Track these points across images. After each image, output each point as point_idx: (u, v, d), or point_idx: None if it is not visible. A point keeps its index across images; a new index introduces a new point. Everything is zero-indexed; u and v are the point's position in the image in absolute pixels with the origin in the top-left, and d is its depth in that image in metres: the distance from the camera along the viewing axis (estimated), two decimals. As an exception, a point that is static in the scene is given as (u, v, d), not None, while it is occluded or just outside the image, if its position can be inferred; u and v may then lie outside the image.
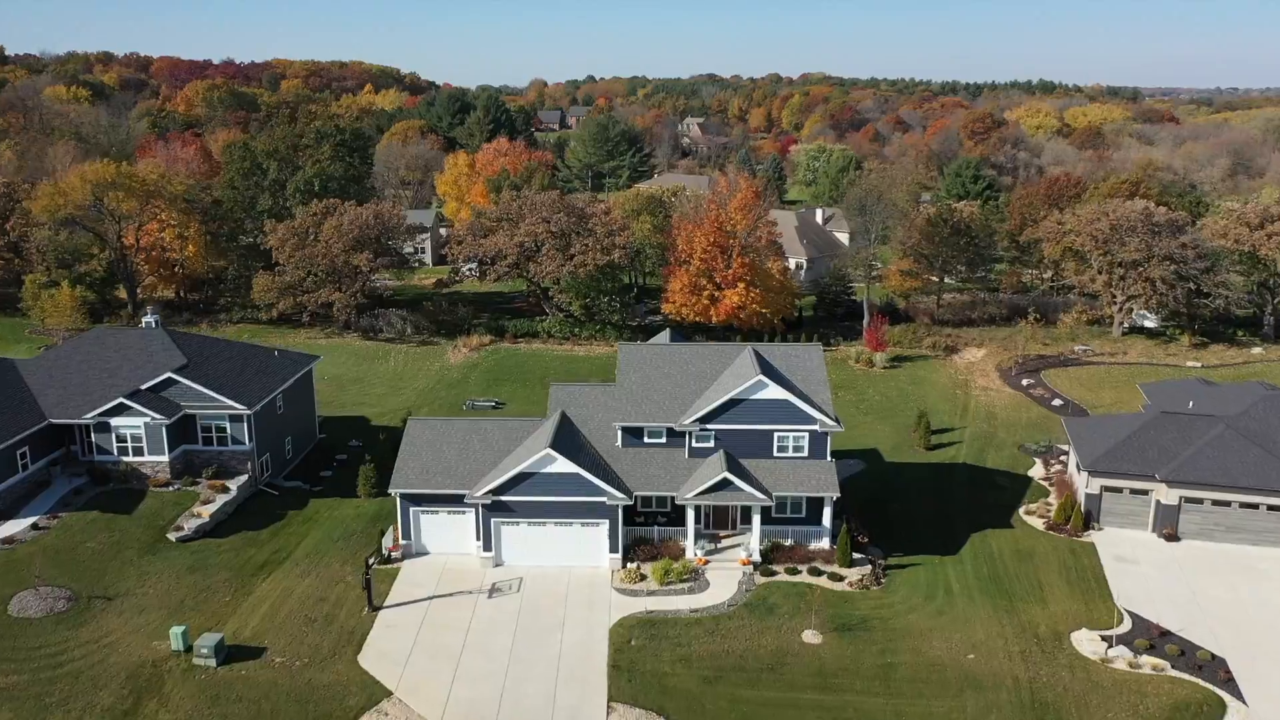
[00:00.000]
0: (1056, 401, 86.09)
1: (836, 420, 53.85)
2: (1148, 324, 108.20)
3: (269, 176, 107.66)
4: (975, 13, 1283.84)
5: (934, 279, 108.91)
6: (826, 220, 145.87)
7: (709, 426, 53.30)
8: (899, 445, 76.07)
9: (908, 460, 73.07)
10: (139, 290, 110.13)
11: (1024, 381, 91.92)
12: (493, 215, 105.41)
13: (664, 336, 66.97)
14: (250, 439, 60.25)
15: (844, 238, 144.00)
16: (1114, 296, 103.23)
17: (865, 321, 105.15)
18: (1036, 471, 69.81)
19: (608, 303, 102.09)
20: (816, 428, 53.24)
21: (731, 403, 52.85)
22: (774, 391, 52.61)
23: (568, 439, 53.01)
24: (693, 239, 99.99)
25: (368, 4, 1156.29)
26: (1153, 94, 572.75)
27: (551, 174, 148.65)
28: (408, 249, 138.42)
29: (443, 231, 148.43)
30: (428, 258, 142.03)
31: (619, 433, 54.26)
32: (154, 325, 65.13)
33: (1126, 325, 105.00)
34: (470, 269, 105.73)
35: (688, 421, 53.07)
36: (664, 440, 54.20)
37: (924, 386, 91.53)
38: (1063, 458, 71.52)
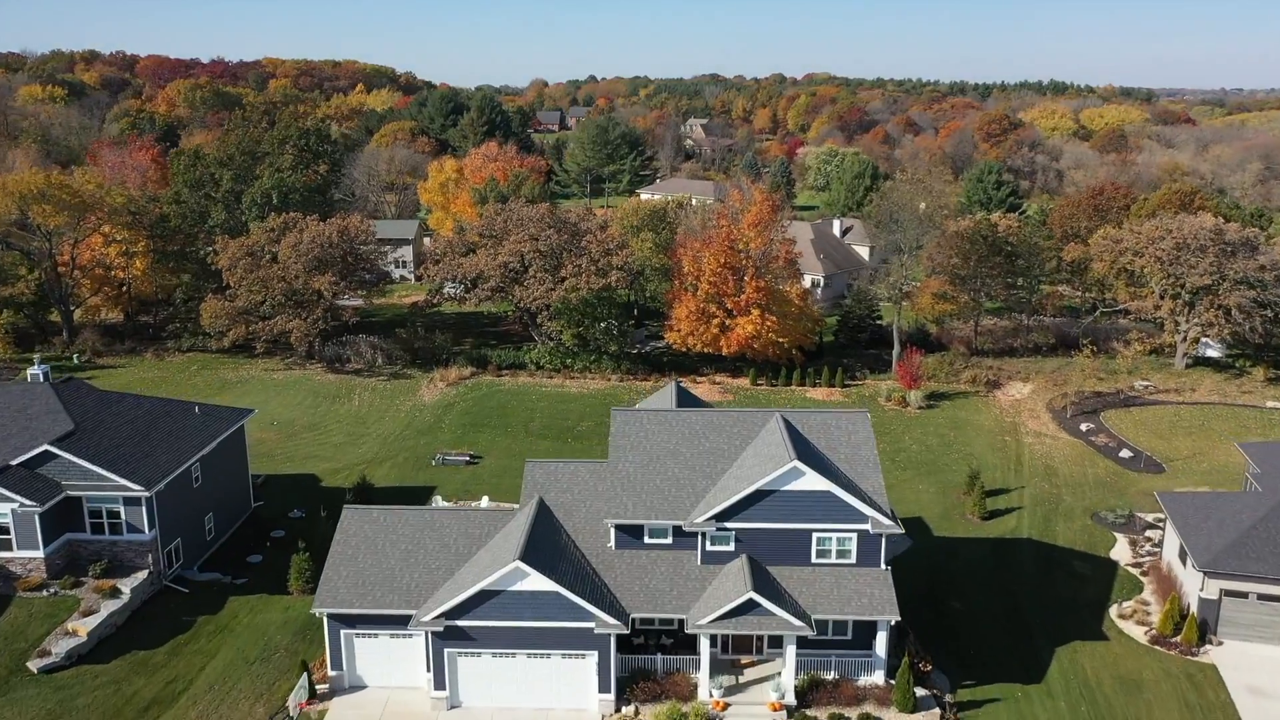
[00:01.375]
0: (1125, 453, 73.86)
1: (893, 516, 41.67)
2: (1210, 353, 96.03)
3: (222, 187, 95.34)
4: (977, 12, 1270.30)
5: (971, 302, 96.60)
6: (844, 232, 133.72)
7: (728, 525, 41.15)
8: (948, 512, 63.83)
9: (961, 534, 60.82)
10: (79, 313, 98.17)
11: (1083, 426, 79.69)
12: (474, 230, 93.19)
13: (666, 395, 54.40)
14: (151, 526, 48.12)
15: (864, 252, 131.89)
16: (1178, 325, 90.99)
17: (896, 352, 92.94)
18: (1121, 553, 57.49)
19: (603, 330, 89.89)
20: (868, 527, 41.07)
21: (758, 495, 40.71)
22: (813, 480, 40.43)
23: (545, 541, 40.85)
24: (700, 259, 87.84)
25: (366, 4, 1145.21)
26: (1158, 95, 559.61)
27: (545, 180, 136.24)
28: (388, 264, 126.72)
29: (427, 242, 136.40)
30: (410, 273, 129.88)
31: (612, 531, 42.11)
32: (40, 378, 52.95)
33: (1190, 357, 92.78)
34: (455, 288, 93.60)
35: (701, 519, 40.91)
36: (670, 541, 42.06)
37: (967, 432, 79.30)
38: (1149, 533, 59.34)
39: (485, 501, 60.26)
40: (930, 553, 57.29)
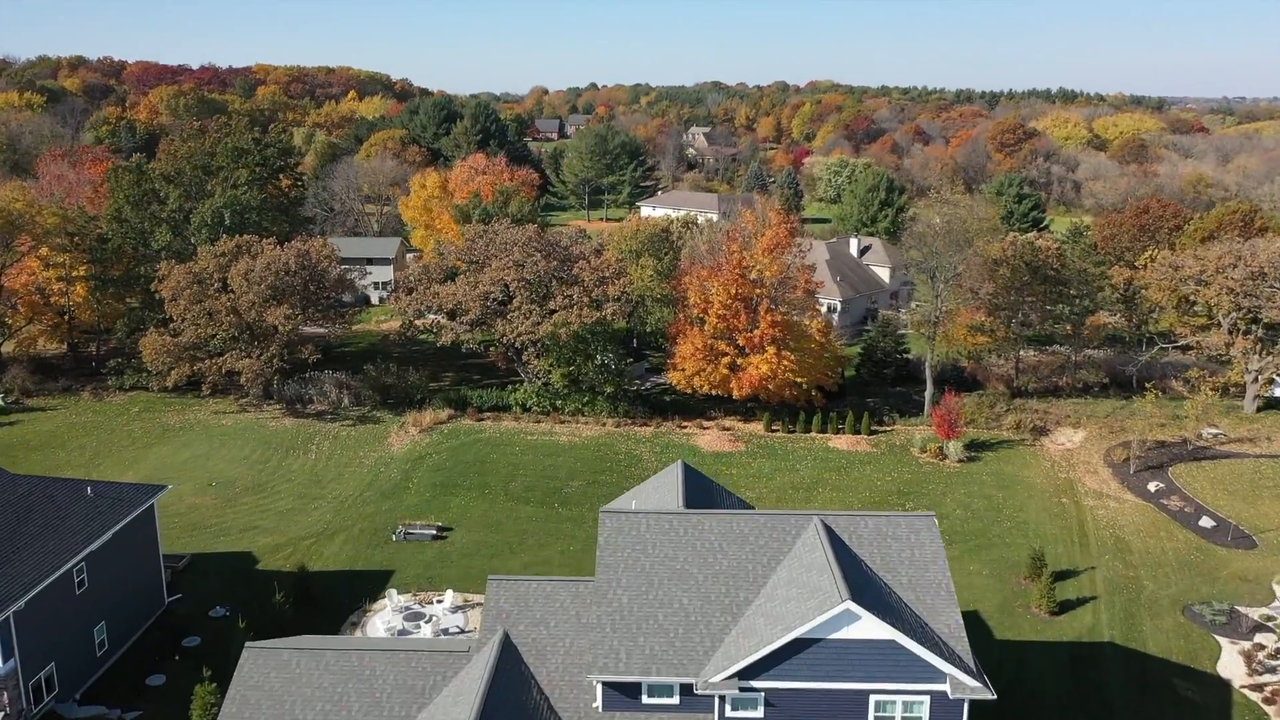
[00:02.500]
0: (1205, 521, 63.09)
1: (980, 676, 30.88)
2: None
3: (168, 206, 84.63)
4: (979, 21, 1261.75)
5: (1011, 335, 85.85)
6: (863, 252, 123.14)
7: (756, 685, 30.43)
8: (1008, 604, 53.05)
9: (1028, 634, 50.06)
10: (11, 345, 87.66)
11: (1150, 485, 68.91)
12: (453, 254, 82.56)
13: (669, 481, 42.91)
14: (8, 655, 37.42)
15: (883, 273, 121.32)
16: (1249, 363, 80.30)
17: (929, 393, 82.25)
18: (1231, 668, 46.65)
19: (598, 367, 79.25)
20: (945, 689, 30.33)
21: (797, 644, 30.02)
22: (872, 626, 29.74)
23: (506, 704, 30.15)
24: (708, 289, 77.25)
25: (364, 11, 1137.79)
26: (1169, 103, 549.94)
27: (538, 195, 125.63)
28: (365, 287, 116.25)
29: (410, 260, 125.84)
30: (391, 294, 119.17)
31: (599, 688, 31.39)
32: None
33: (1262, 399, 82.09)
34: (436, 318, 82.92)
35: (719, 678, 30.19)
36: (676, 701, 31.34)
37: (1017, 492, 68.52)
38: (1260, 638, 48.58)
39: (449, 600, 49.53)
40: (994, 663, 46.41)
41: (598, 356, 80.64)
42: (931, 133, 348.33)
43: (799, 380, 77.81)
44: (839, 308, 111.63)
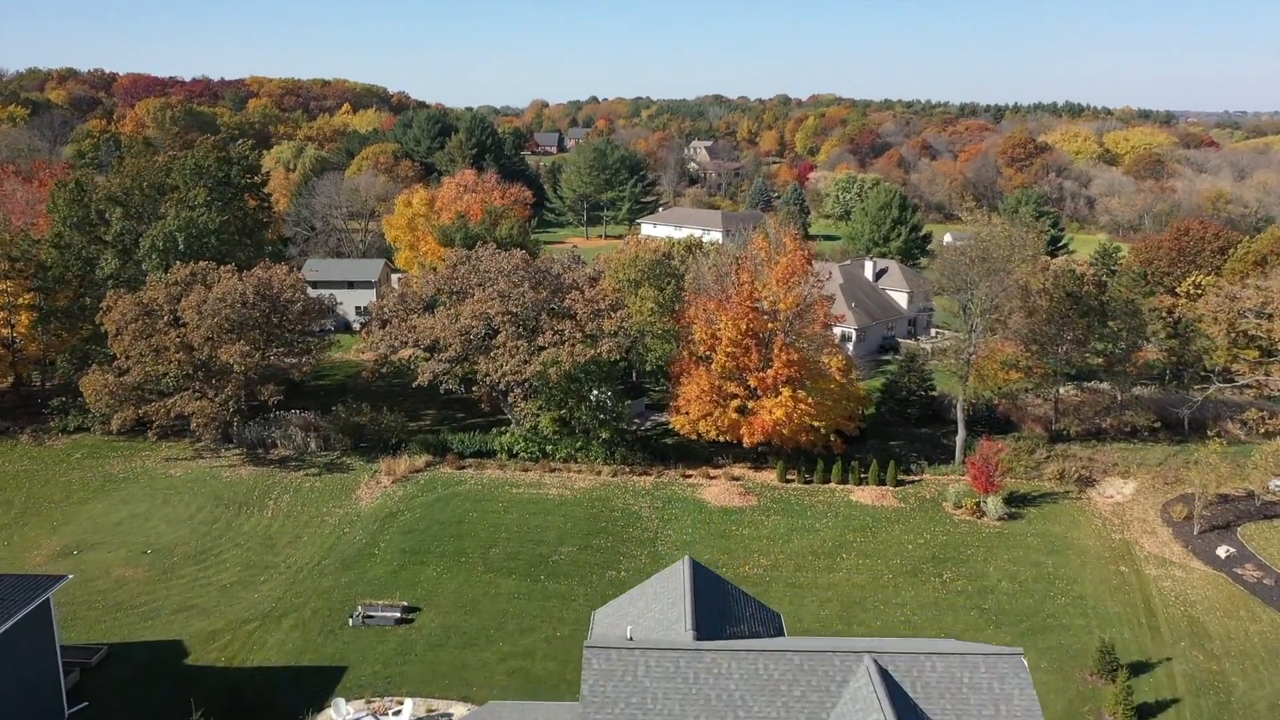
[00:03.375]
0: (1290, 596, 54.75)
1: None
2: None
3: (113, 228, 76.42)
4: (983, 33, 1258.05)
5: (1050, 372, 77.55)
6: (878, 276, 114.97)
7: None
8: (1074, 709, 44.66)
9: (1103, 754, 41.70)
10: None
11: (1220, 551, 60.55)
12: (431, 283, 74.38)
13: (674, 585, 33.84)
14: None
15: (901, 299, 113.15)
16: (1317, 406, 72.05)
17: (960, 439, 73.98)
18: (1362, 806, 38.28)
19: (592, 409, 71.09)
20: None
21: None
22: (956, 839, 21.31)
23: None
24: (715, 323, 69.06)
25: (362, 23, 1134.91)
26: (1177, 117, 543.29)
27: (531, 216, 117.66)
28: (345, 313, 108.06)
29: (395, 280, 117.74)
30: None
31: None
32: None
33: (1329, 445, 73.66)
34: (414, 352, 74.71)
35: None
36: None
37: (1068, 558, 60.17)
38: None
39: (407, 712, 41.11)
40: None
41: (592, 395, 72.51)
42: (939, 147, 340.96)
43: (817, 424, 69.56)
44: (854, 336, 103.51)
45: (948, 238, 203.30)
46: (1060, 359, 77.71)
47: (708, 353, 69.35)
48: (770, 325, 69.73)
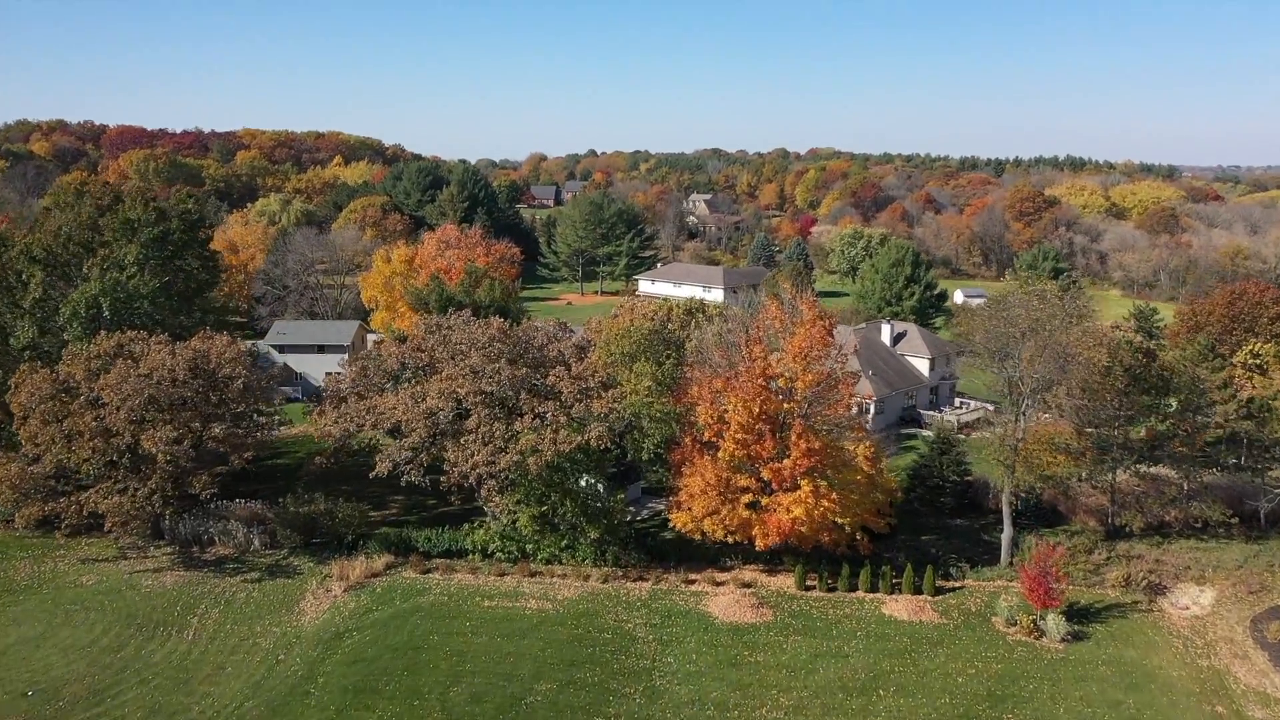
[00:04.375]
0: None
1: None
2: None
3: (30, 293, 66.82)
4: (982, 87, 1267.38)
5: (1104, 457, 67.52)
6: (896, 340, 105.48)
7: None
8: None
9: None
10: None
11: (1334, 684, 50.15)
12: (394, 357, 64.68)
13: None
14: None
15: (922, 365, 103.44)
16: None
17: (1006, 536, 63.82)
18: None
19: (579, 503, 61.05)
20: None
21: None
22: None
23: None
24: (723, 404, 59.27)
25: (358, 76, 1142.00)
26: (1180, 171, 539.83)
27: (518, 275, 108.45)
28: (313, 382, 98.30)
29: (371, 343, 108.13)
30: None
31: None
32: None
33: None
34: (375, 435, 64.58)
35: None
36: None
37: (1150, 694, 49.74)
38: None
39: None
40: None
41: (581, 483, 62.42)
42: (942, 200, 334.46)
43: (841, 521, 59.48)
44: (873, 408, 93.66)
45: (959, 295, 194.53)
46: (1117, 441, 67.73)
47: (713, 439, 59.46)
48: (786, 406, 59.98)
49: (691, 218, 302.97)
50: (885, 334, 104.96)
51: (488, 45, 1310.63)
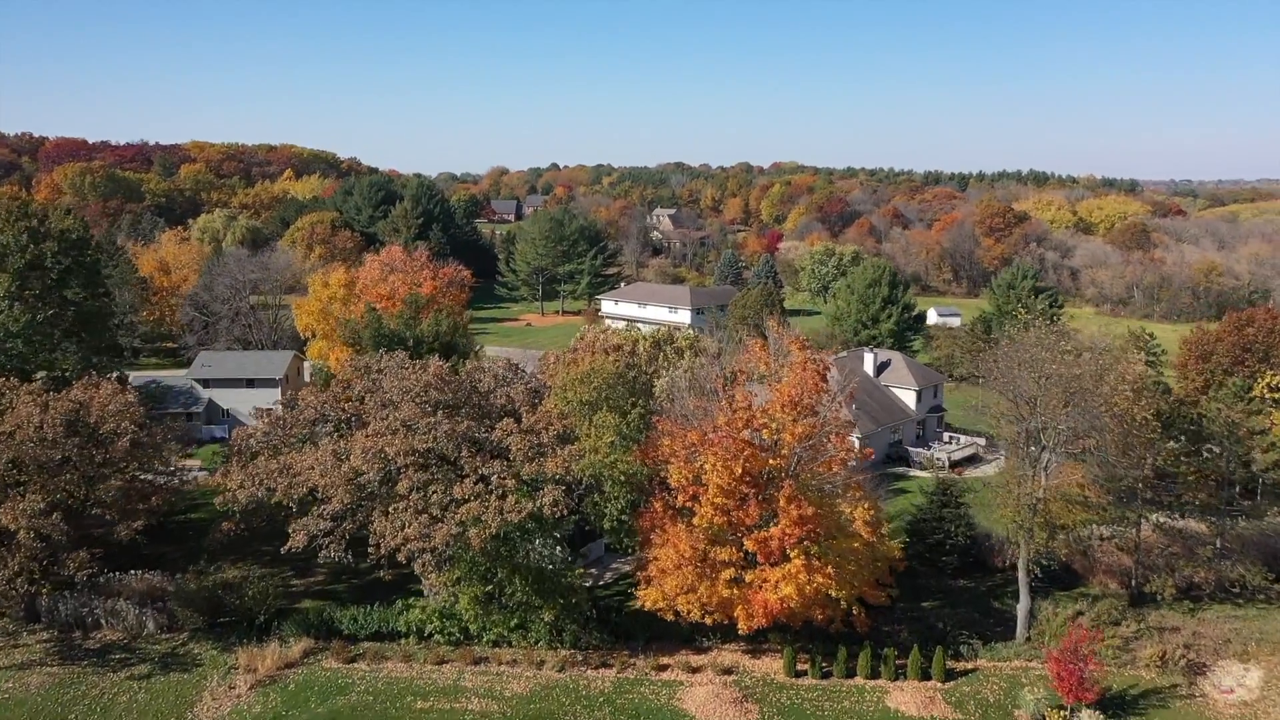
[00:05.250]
0: None
1: None
2: None
3: (-124, 335, 56.64)
4: (946, 100, 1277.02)
5: (1130, 515, 59.65)
6: (880, 369, 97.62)
7: None
8: None
9: None
10: None
11: None
12: (311, 408, 55.26)
13: None
14: None
15: (908, 398, 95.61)
16: None
17: (1022, 608, 55.67)
18: None
19: (528, 583, 51.97)
20: None
21: None
22: None
23: None
24: (698, 462, 50.62)
25: (314, 88, 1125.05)
26: (1140, 185, 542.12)
27: (469, 301, 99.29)
28: (243, 420, 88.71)
29: (307, 373, 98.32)
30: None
31: None
32: None
33: None
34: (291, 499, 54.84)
35: None
36: None
37: (1214, 814, 41.62)
38: None
39: None
40: None
41: (534, 545, 53.31)
42: (909, 215, 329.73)
43: (837, 594, 51.01)
44: (857, 445, 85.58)
45: (933, 314, 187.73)
46: (1143, 493, 59.92)
47: (688, 503, 50.74)
48: (772, 462, 51.47)
49: (656, 233, 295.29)
50: (868, 363, 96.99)
51: (448, 57, 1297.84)
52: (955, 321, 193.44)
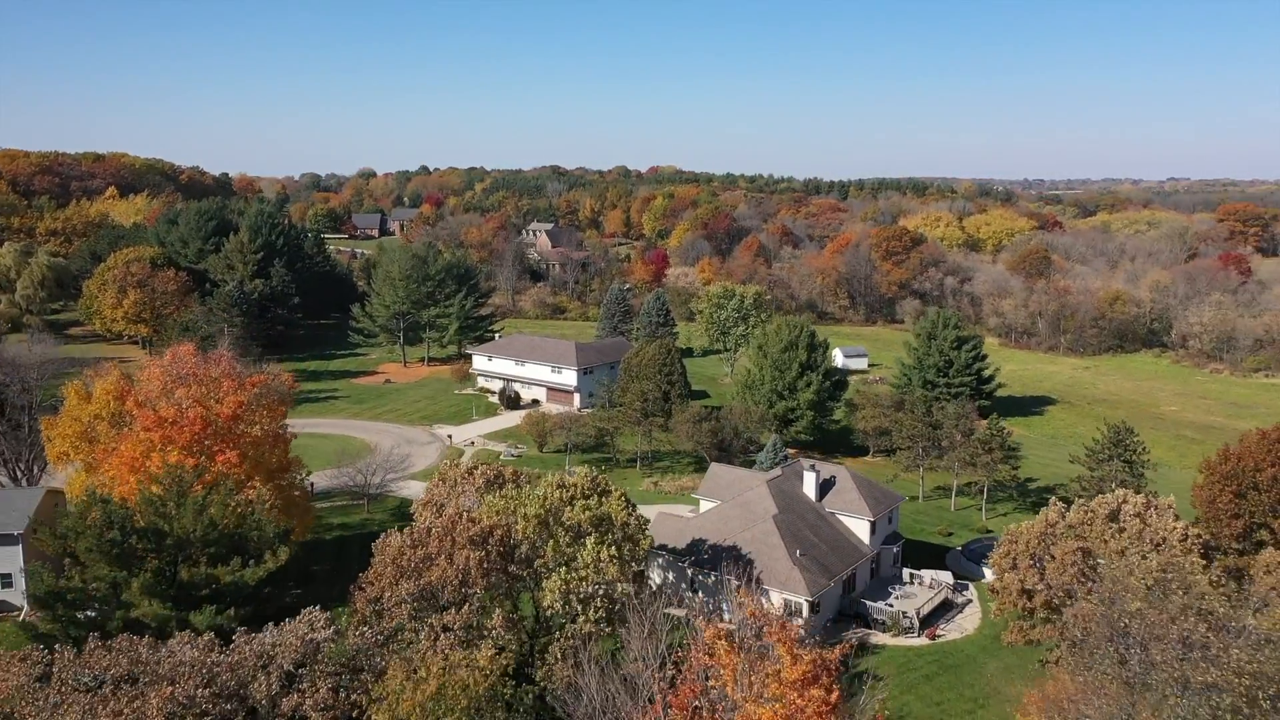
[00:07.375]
0: None
1: None
2: None
3: None
4: (818, 108, 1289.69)
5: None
6: (824, 492, 77.85)
7: None
8: None
9: None
10: None
11: None
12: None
13: None
14: None
15: (860, 528, 76.26)
16: None
17: None
18: None
19: None
20: None
21: None
22: None
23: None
24: None
25: (146, 92, 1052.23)
26: (1011, 195, 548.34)
27: (284, 414, 74.79)
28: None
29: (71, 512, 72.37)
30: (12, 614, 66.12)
31: None
32: None
33: None
34: None
35: None
36: None
37: None
38: None
39: None
40: None
41: None
42: (798, 232, 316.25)
43: None
44: (805, 608, 66.07)
45: (838, 356, 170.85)
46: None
47: None
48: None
49: (533, 252, 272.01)
50: (809, 484, 77.43)
51: (310, 51, 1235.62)
52: (863, 363, 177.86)
